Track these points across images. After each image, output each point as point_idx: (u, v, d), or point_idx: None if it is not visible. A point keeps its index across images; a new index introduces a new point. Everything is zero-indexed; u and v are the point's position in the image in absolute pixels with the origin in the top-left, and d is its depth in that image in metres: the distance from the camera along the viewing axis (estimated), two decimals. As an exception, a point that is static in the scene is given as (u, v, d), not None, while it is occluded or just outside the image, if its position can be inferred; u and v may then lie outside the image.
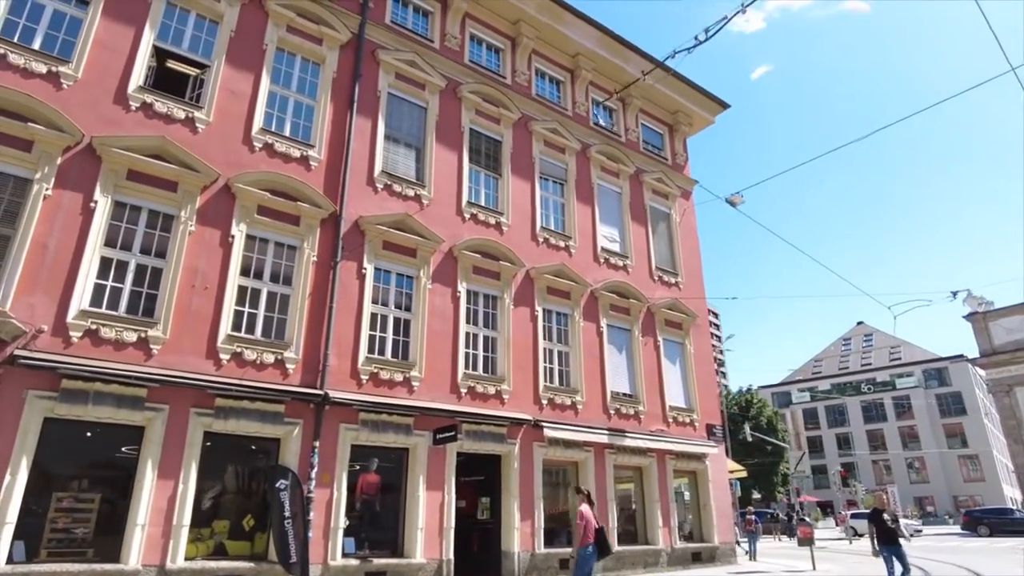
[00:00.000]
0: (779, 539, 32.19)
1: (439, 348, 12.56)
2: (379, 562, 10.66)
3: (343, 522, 10.71)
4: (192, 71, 11.86)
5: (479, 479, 13.34)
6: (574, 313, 15.26)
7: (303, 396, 10.47)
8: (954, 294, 14.25)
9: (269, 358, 10.51)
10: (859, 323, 77.14)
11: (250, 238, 11.10)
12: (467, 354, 13.12)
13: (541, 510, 12.96)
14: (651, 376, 16.33)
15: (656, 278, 17.71)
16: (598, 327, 15.65)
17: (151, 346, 9.50)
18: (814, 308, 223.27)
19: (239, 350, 10.24)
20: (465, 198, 14.16)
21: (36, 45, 9.89)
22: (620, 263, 16.91)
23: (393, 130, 13.63)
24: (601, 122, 18.27)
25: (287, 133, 12.13)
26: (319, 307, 11.27)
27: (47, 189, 9.23)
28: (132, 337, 9.36)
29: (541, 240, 15.31)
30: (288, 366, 10.66)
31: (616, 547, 13.49)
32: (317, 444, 10.43)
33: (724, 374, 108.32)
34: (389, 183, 12.97)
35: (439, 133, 14.24)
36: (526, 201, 15.41)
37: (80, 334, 8.98)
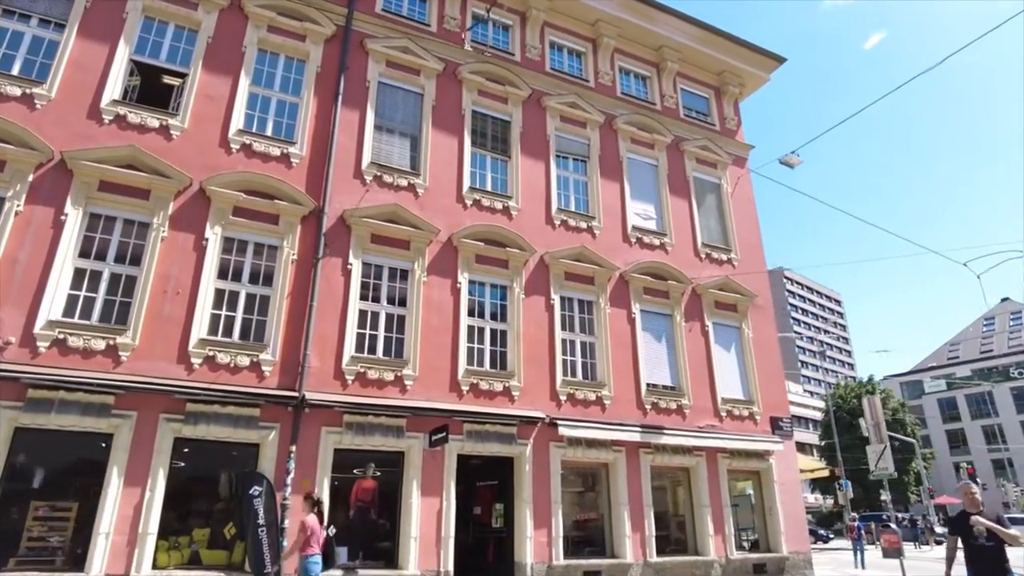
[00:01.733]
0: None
1: (436, 344, 11.74)
2: (365, 573, 9.97)
3: (331, 530, 10.15)
4: (176, 81, 11.96)
5: (493, 484, 12.36)
6: (599, 299, 13.87)
7: (278, 399, 10.05)
8: None
9: (244, 361, 10.20)
10: (1004, 299, 67.00)
11: (228, 240, 10.91)
12: (471, 349, 12.20)
13: (559, 517, 11.71)
14: (698, 365, 14.50)
15: (703, 256, 15.81)
16: (629, 313, 14.13)
17: (120, 353, 9.46)
18: (879, 275, 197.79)
19: (211, 354, 10.01)
20: (467, 184, 13.29)
21: (15, 71, 10.30)
22: (656, 242, 15.24)
23: (385, 120, 13.07)
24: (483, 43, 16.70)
25: (268, 132, 11.91)
26: (300, 306, 10.85)
27: (18, 206, 9.49)
28: (100, 345, 9.37)
29: (558, 223, 14.08)
30: (264, 368, 10.30)
31: (654, 558, 12.04)
32: (293, 449, 9.96)
33: (852, 365, 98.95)
34: (379, 174, 12.39)
35: (436, 118, 13.49)
36: (539, 182, 14.26)
37: (47, 344, 9.09)
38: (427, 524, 10.62)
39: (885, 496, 44.03)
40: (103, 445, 9.10)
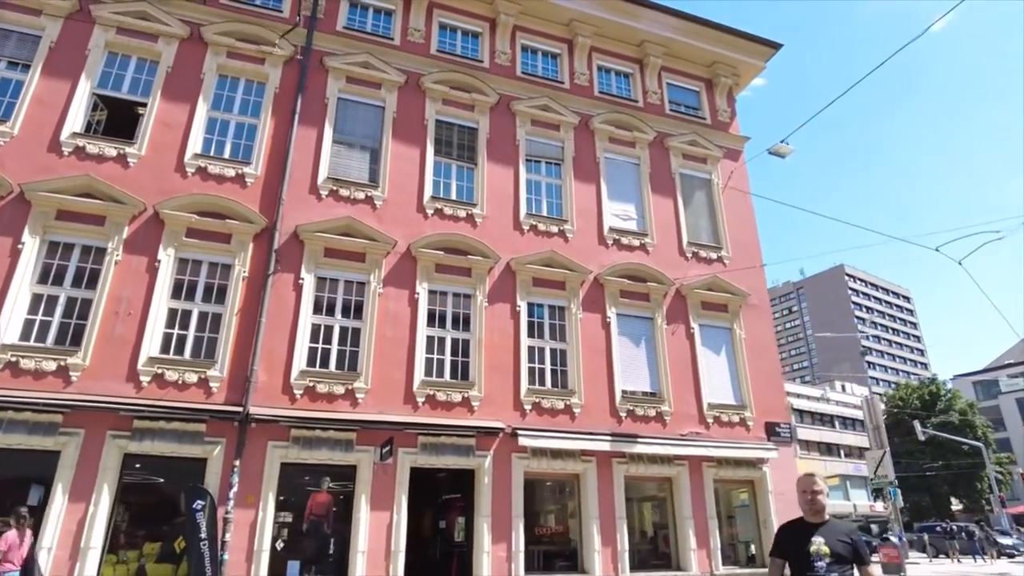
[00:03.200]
0: (957, 560, 25.75)
1: (391, 356, 11.66)
2: (311, 588, 9.95)
3: (279, 544, 10.22)
4: (142, 111, 12.47)
5: (458, 496, 12.13)
6: (571, 305, 13.46)
7: (223, 415, 10.21)
8: None
9: (192, 378, 10.43)
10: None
11: (182, 261, 11.23)
12: (430, 360, 12.06)
13: (520, 531, 11.33)
14: (682, 370, 13.83)
15: (689, 255, 15.13)
16: (604, 318, 13.64)
17: (71, 373, 9.85)
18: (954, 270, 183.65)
19: (160, 371, 10.29)
20: (428, 193, 13.22)
21: (-19, 113, 11.01)
22: (636, 242, 14.69)
23: (344, 135, 13.20)
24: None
25: (226, 155, 12.24)
26: (250, 323, 11.02)
27: (-22, 237, 10.08)
28: (52, 366, 9.79)
29: (527, 228, 13.79)
30: (212, 385, 10.49)
31: (627, 574, 11.50)
32: (237, 463, 10.06)
33: (925, 364, 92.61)
34: (335, 188, 12.51)
35: (397, 130, 13.52)
36: (507, 188, 14.03)
37: (0, 367, 9.57)
38: (376, 538, 10.49)
39: (956, 505, 40.97)
40: (51, 463, 9.46)
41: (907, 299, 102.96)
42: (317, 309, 11.69)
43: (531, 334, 13.04)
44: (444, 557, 12.09)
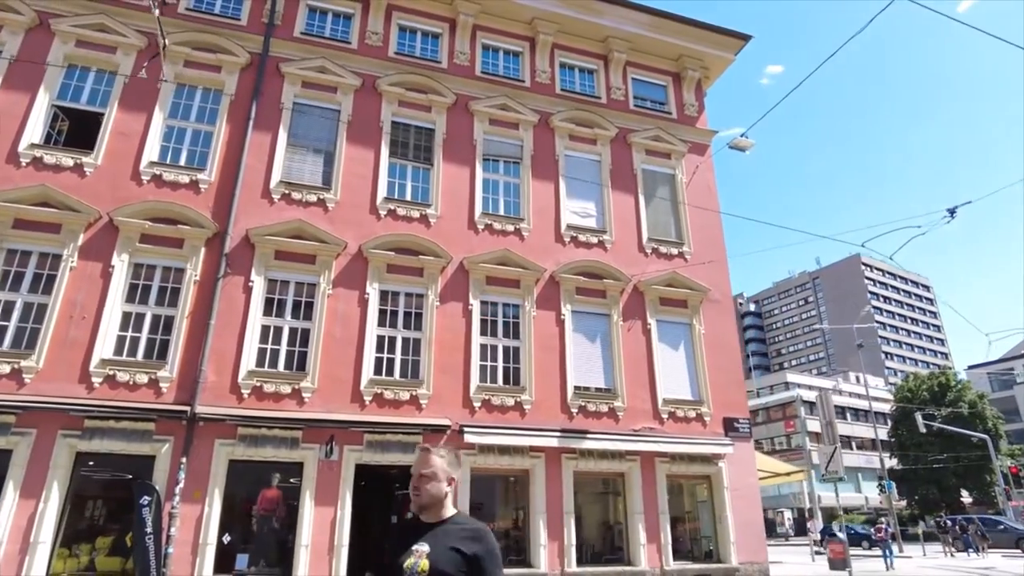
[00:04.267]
0: (950, 554, 25.35)
1: (339, 356, 11.96)
2: (253, 580, 10.32)
3: (226, 538, 10.61)
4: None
5: (407, 492, 12.37)
6: (525, 303, 13.63)
7: (171, 414, 10.60)
8: (952, 212, 9.70)
9: (143, 378, 10.84)
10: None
11: (137, 266, 11.65)
12: (380, 359, 12.33)
13: (465, 525, 11.55)
14: (636, 366, 13.92)
15: (649, 251, 15.17)
16: (559, 315, 13.78)
17: (24, 376, 10.33)
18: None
19: (112, 372, 10.71)
20: (382, 194, 13.47)
21: (-55, 126, 11.50)
22: (594, 239, 14.78)
23: (299, 139, 13.49)
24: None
25: (182, 162, 12.61)
26: (201, 325, 11.40)
27: (-61, 247, 10.59)
28: (6, 369, 10.27)
29: (481, 227, 13.97)
30: (162, 385, 10.89)
31: (573, 568, 11.70)
32: (184, 461, 10.45)
33: (945, 355, 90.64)
34: (287, 192, 12.82)
35: (352, 133, 13.78)
36: (463, 187, 14.21)
37: (-43, 370, 10.08)
38: (320, 533, 10.82)
39: (966, 498, 40.33)
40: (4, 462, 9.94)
41: (927, 288, 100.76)
42: (267, 310, 12.03)
43: (484, 332, 13.23)
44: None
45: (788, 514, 49.82)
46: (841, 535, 11.72)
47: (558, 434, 12.49)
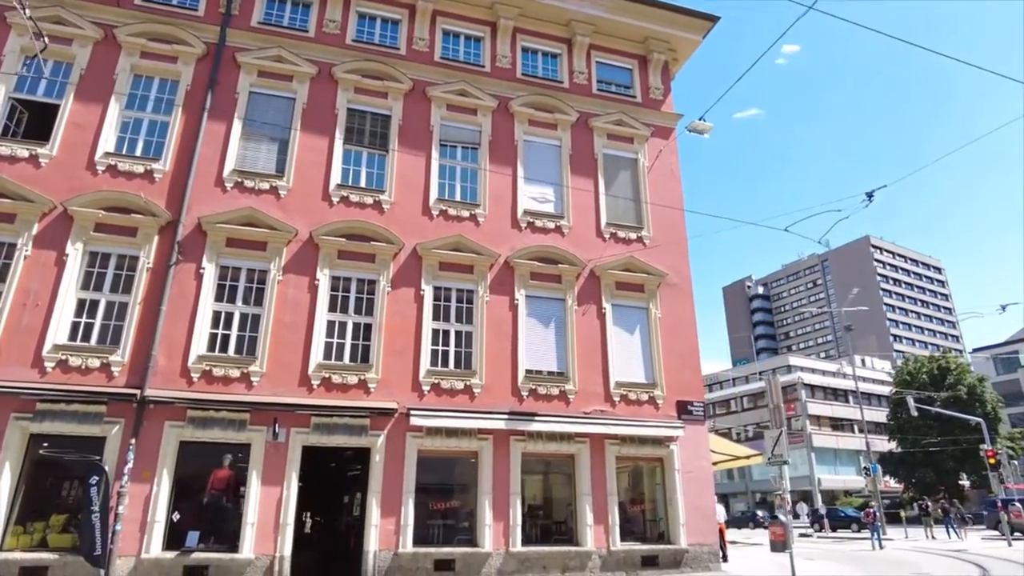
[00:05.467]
0: (931, 536, 25.35)
1: (287, 340, 12.25)
2: (200, 556, 10.70)
3: (175, 516, 11.02)
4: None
5: (357, 472, 12.73)
6: (479, 288, 13.80)
7: (120, 396, 10.97)
8: (870, 196, 9.60)
9: (94, 363, 11.22)
10: None
11: (93, 254, 11.99)
12: (329, 343, 12.61)
13: (410, 506, 11.87)
14: (590, 350, 14.07)
15: (607, 235, 15.24)
16: (512, 300, 13.94)
17: (-23, 361, 10.75)
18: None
19: (64, 357, 11.10)
20: (335, 181, 13.66)
21: (-95, 119, 11.86)
22: (551, 225, 14.88)
23: (254, 127, 13.70)
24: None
25: (138, 152, 12.89)
26: (153, 311, 11.73)
27: None
28: (-40, 355, 10.69)
29: (436, 213, 14.13)
30: (114, 369, 11.27)
31: (518, 548, 12.00)
32: (133, 442, 10.83)
33: (957, 338, 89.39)
34: (240, 180, 13.06)
35: (306, 120, 13.95)
36: (418, 174, 14.35)
37: (-86, 356, 10.51)
38: (266, 512, 11.18)
39: (964, 481, 40.15)
40: (-41, 442, 10.39)
41: (939, 270, 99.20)
42: (219, 296, 12.33)
43: (436, 317, 13.44)
44: (348, 528, 12.76)
45: (788, 497, 49.88)
46: (783, 517, 11.84)
47: (505, 417, 12.72)
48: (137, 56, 13.43)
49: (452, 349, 13.36)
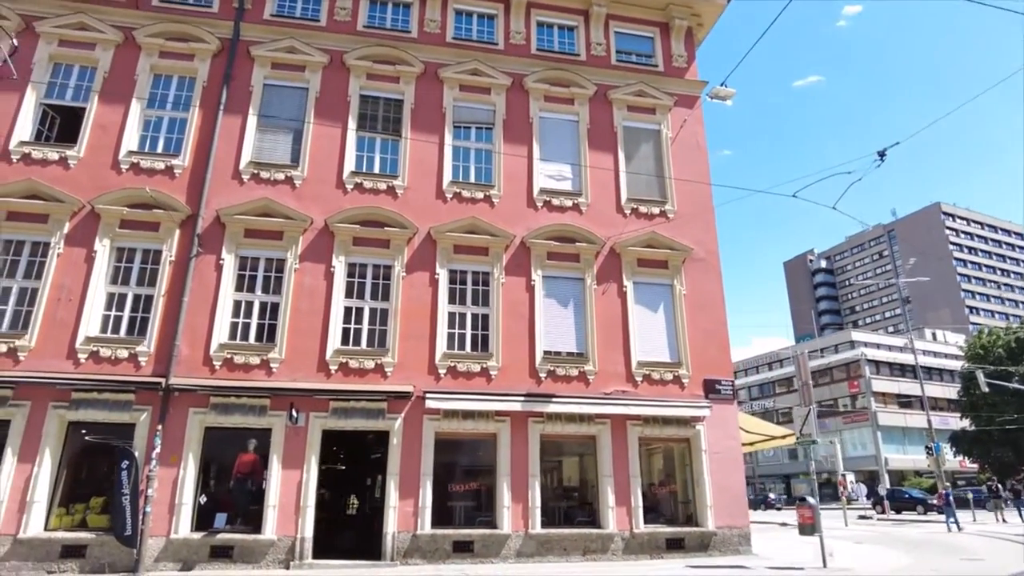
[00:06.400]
0: (1002, 520, 23.69)
1: (305, 327, 12.46)
2: (225, 536, 11.09)
3: (202, 499, 11.46)
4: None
5: (377, 457, 12.88)
6: (494, 270, 13.65)
7: (147, 385, 11.45)
8: (881, 155, 8.65)
9: (123, 353, 11.73)
10: None
11: (119, 249, 12.51)
12: (346, 329, 12.75)
13: (428, 488, 11.93)
14: (611, 329, 13.72)
15: (628, 211, 14.77)
16: (528, 281, 13.73)
17: (19, 354, 11.40)
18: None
19: (96, 349, 11.65)
20: (349, 168, 13.74)
21: (-52, 129, 12.63)
22: (569, 203, 14.53)
23: (268, 119, 13.90)
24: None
25: (159, 150, 13.32)
26: (177, 302, 12.15)
27: (-58, 240, 11.77)
28: (3, 348, 11.37)
29: (450, 196, 14.02)
30: (141, 359, 11.75)
31: (537, 530, 11.94)
32: (160, 428, 11.30)
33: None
34: (256, 172, 13.30)
35: (320, 109, 14.06)
36: (431, 157, 14.26)
37: (-40, 350, 11.26)
38: (287, 494, 11.47)
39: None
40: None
41: (1020, 236, 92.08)
42: (238, 286, 12.66)
43: (452, 300, 13.39)
44: (372, 511, 12.96)
45: (851, 477, 47.86)
46: (812, 500, 11.23)
47: (522, 398, 12.58)
48: (156, 56, 13.82)
49: (468, 332, 13.29)
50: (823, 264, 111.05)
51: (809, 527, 11.03)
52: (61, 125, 13.70)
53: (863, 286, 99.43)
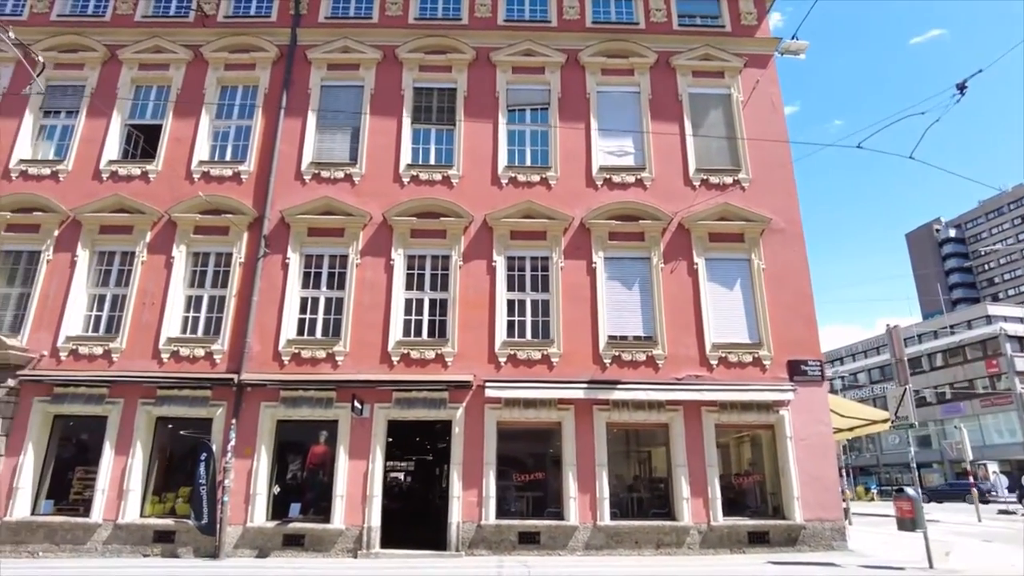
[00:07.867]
0: None
1: (368, 321, 12.60)
2: (297, 526, 11.43)
3: (276, 489, 11.91)
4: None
5: (443, 447, 12.82)
6: (552, 254, 13.18)
7: (222, 381, 12.04)
8: (961, 89, 6.94)
9: (200, 352, 12.41)
10: None
11: (194, 254, 13.26)
12: (407, 321, 12.78)
13: (491, 477, 11.70)
14: (681, 310, 12.84)
15: (697, 183, 13.77)
16: (589, 263, 13.14)
17: (112, 356, 12.36)
18: None
19: (176, 349, 12.41)
20: (404, 162, 13.77)
21: (42, 156, 13.93)
22: (631, 179, 13.76)
23: (327, 120, 14.21)
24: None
25: (227, 158, 13.98)
26: (246, 301, 12.69)
27: (48, 254, 12.97)
28: (99, 351, 12.37)
29: (505, 181, 13.69)
30: (216, 357, 12.37)
31: (606, 522, 11.45)
32: (235, 422, 11.83)
33: None
34: (317, 172, 13.63)
35: (375, 105, 14.19)
36: (486, 144, 13.99)
37: (66, 354, 12.34)
38: (354, 484, 11.65)
39: None
40: (100, 425, 12.05)
41: None
42: (304, 283, 13.03)
43: (511, 287, 13.07)
44: (440, 501, 12.95)
45: (993, 466, 42.83)
46: (910, 491, 9.85)
47: (584, 386, 12.04)
48: (222, 69, 14.52)
49: (528, 319, 12.92)
50: (952, 233, 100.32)
51: (909, 521, 9.70)
52: (144, 143, 14.72)
53: (1004, 253, 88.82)
